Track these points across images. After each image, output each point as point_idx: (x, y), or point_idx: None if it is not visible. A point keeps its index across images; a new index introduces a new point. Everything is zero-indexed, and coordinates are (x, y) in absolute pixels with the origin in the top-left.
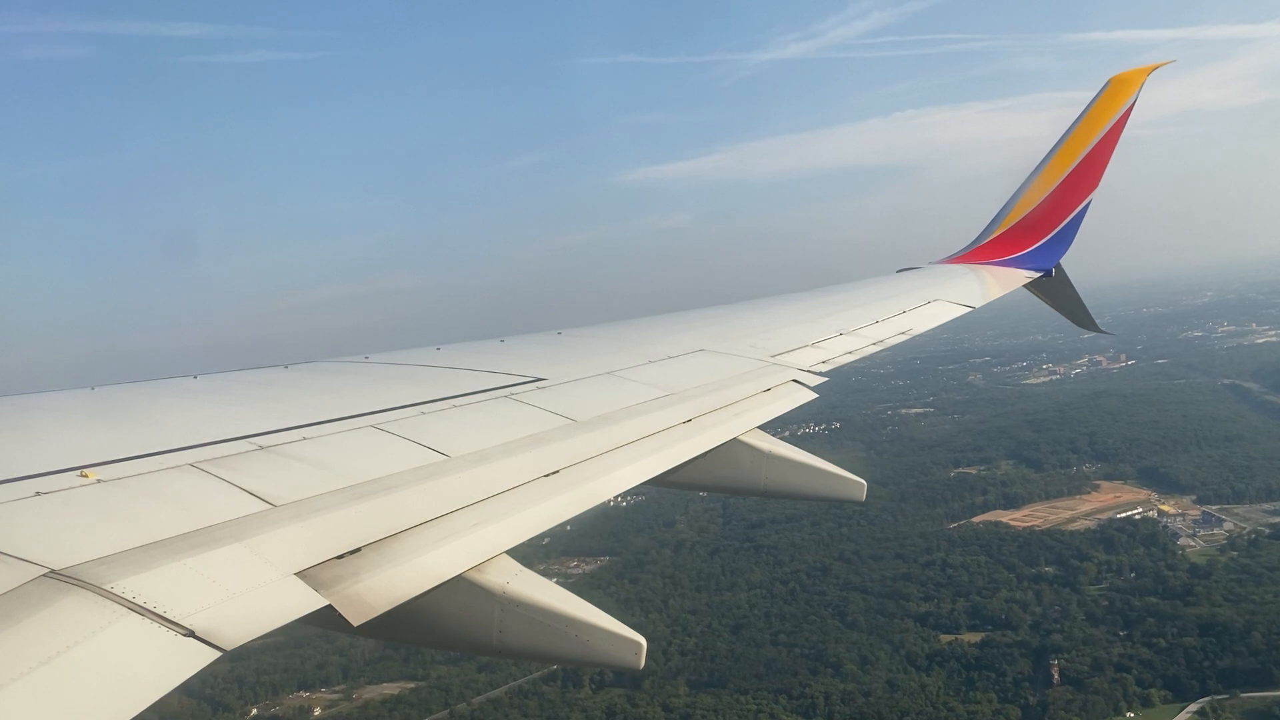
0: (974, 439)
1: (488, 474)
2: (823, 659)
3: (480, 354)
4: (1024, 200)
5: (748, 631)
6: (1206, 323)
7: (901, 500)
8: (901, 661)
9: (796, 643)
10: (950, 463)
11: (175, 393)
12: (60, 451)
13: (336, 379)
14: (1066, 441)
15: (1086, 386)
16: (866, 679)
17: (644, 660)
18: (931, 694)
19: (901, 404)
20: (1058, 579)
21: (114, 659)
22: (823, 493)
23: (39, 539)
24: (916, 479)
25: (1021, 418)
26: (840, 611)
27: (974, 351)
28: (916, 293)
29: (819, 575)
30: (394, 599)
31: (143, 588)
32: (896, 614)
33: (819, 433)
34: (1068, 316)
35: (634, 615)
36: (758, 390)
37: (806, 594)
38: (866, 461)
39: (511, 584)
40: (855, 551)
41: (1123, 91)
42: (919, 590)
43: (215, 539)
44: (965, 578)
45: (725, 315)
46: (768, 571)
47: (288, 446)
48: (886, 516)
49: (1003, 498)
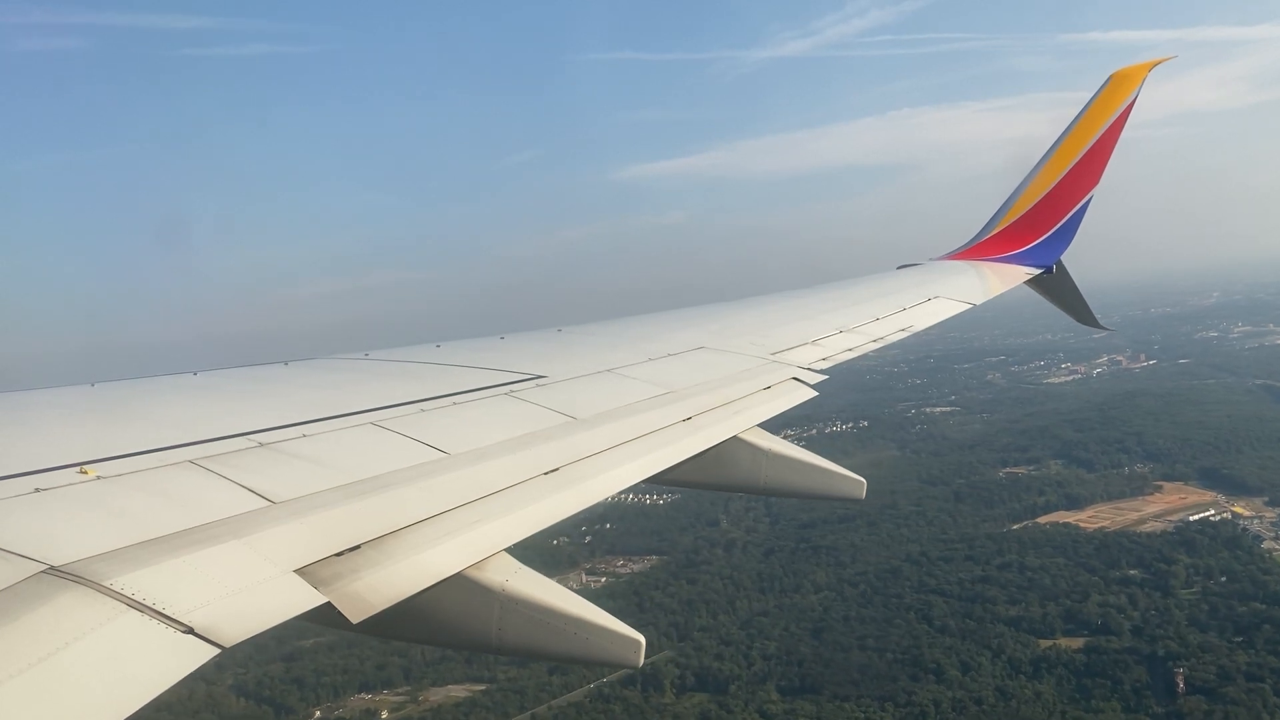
0: (1015, 439)
1: (487, 471)
2: (920, 665)
3: (480, 351)
4: (1025, 196)
5: (830, 635)
6: (1220, 323)
7: (957, 501)
8: (1004, 667)
9: (886, 647)
10: (996, 463)
11: (174, 389)
12: (59, 448)
13: (336, 376)
14: (1114, 441)
15: (1114, 386)
16: (974, 686)
17: (643, 658)
18: (1048, 702)
19: (924, 403)
20: (1146, 582)
21: (113, 655)
22: (823, 491)
23: (38, 535)
24: (966, 479)
25: (1058, 417)
26: (924, 615)
27: (987, 350)
28: (917, 289)
29: (889, 577)
30: (393, 596)
31: (141, 584)
32: (984, 618)
33: (846, 431)
34: (1069, 313)
35: (701, 617)
36: (758, 388)
37: (881, 597)
38: (902, 460)
39: (511, 582)
40: (922, 553)
41: (1124, 87)
42: (1003, 594)
43: (214, 536)
44: (1048, 580)
45: (725, 312)
46: (831, 573)
47: (287, 443)
48: (945, 517)
49: (1064, 498)
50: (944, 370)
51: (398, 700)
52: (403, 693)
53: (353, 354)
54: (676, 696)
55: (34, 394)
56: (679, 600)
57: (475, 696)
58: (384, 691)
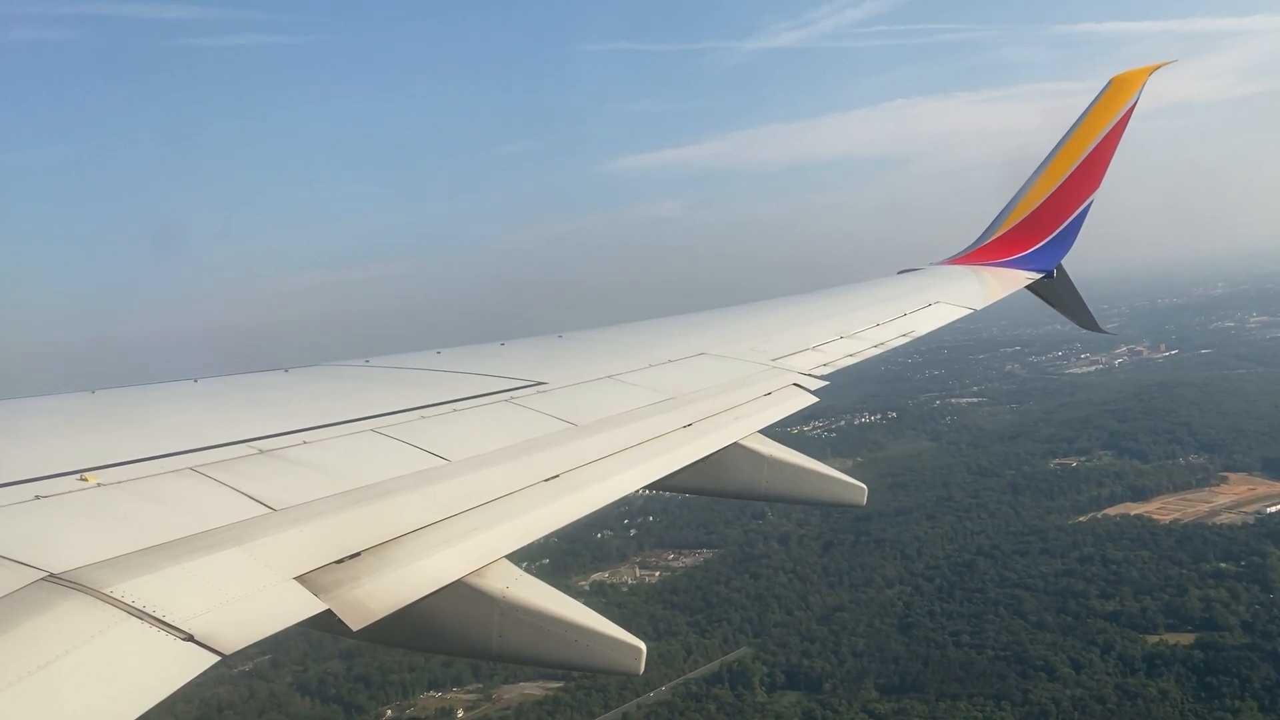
0: (1056, 429)
1: (488, 478)
2: (1025, 662)
3: (480, 357)
4: (1025, 201)
5: (919, 631)
6: (1234, 313)
7: (1014, 493)
8: (1115, 664)
9: (983, 644)
10: (1044, 454)
11: (175, 396)
12: (60, 455)
13: (336, 382)
14: (1163, 431)
15: (1142, 376)
16: (1092, 684)
17: (643, 666)
18: (1175, 701)
19: (947, 394)
20: (1242, 575)
21: (112, 663)
22: (823, 497)
23: (38, 542)
24: (1017, 470)
25: (1095, 408)
26: (1016, 610)
27: (999, 341)
28: (917, 294)
29: (965, 571)
30: (393, 603)
31: (142, 591)
32: (1080, 613)
33: (875, 422)
34: (1069, 317)
35: (774, 613)
36: (758, 394)
37: (962, 591)
38: (941, 452)
39: (511, 589)
40: (994, 546)
41: (1124, 91)
42: (1092, 588)
43: (215, 543)
44: (1135, 574)
45: (725, 318)
46: (901, 567)
47: (288, 450)
48: (1006, 510)
49: (1128, 490)
50: (960, 361)
51: (470, 699)
52: (474, 690)
53: (353, 360)
54: (768, 694)
55: (34, 401)
56: (746, 595)
57: (555, 694)
58: (454, 689)
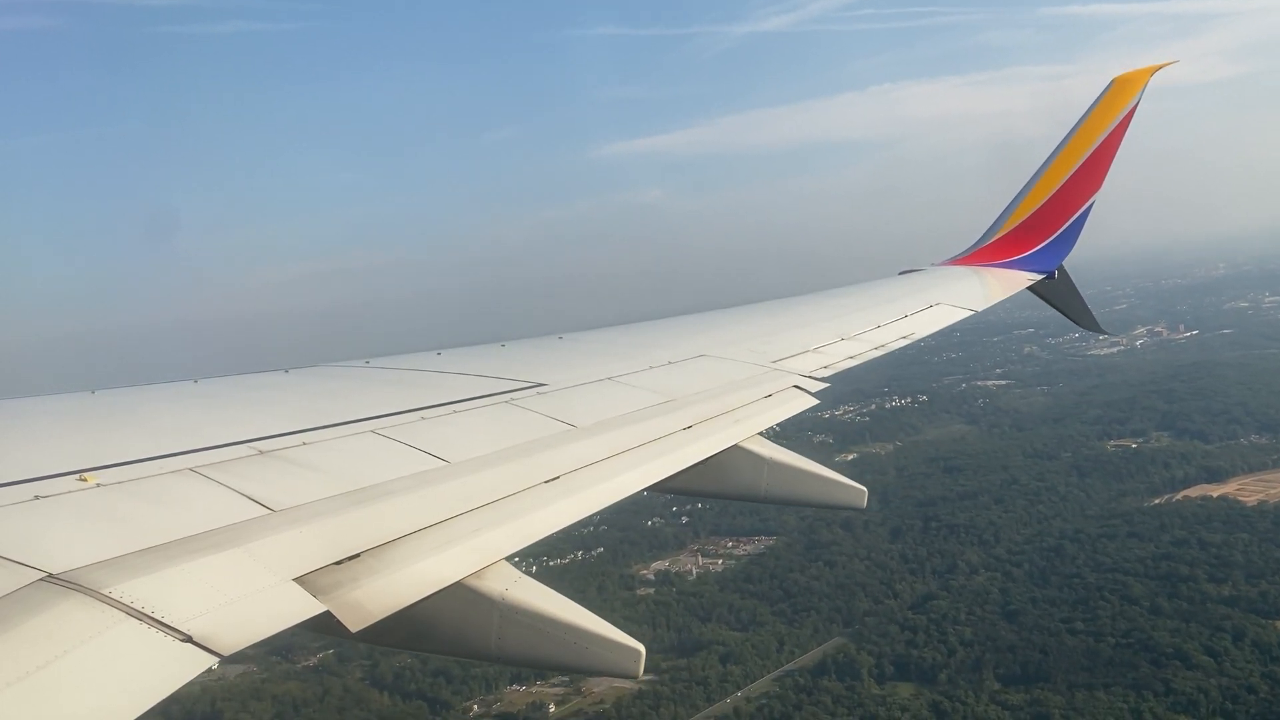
0: (1103, 411)
1: (487, 480)
2: (1153, 650)
3: (480, 358)
4: (1026, 202)
5: (1026, 619)
6: (1246, 293)
7: (1080, 475)
8: (1250, 651)
9: (1099, 631)
10: (1096, 436)
11: (174, 397)
12: (59, 455)
13: (336, 383)
14: (1219, 412)
15: (1169, 357)
16: (1236, 673)
17: (642, 668)
18: None
19: (970, 376)
20: None
21: (111, 663)
22: (824, 499)
23: (37, 543)
24: (1074, 453)
25: (1133, 389)
26: (1125, 596)
27: (1011, 323)
28: (918, 295)
29: (1053, 556)
30: (392, 605)
31: (140, 592)
32: (1193, 597)
33: (907, 406)
34: (1070, 317)
35: (861, 602)
36: (759, 396)
37: (1057, 576)
38: (981, 435)
39: (510, 590)
40: (1078, 531)
41: (1126, 92)
42: (1200, 572)
43: (214, 544)
44: (1239, 557)
45: (726, 319)
46: (982, 553)
47: (287, 451)
48: (1076, 493)
49: (1202, 471)
50: (975, 344)
51: (557, 692)
52: (559, 684)
53: (353, 361)
54: (879, 685)
55: (33, 401)
56: (827, 584)
57: (649, 688)
58: (538, 683)
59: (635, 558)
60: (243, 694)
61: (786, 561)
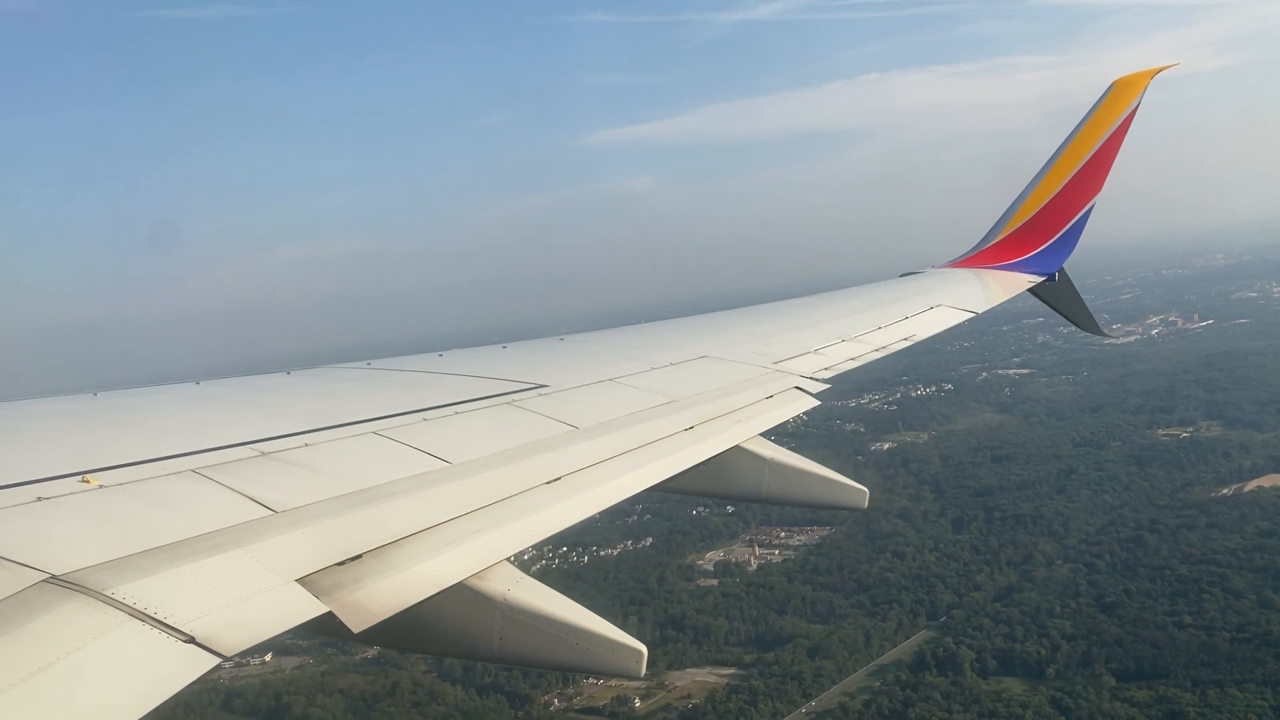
0: (1142, 400)
1: (489, 481)
2: (1272, 644)
3: (481, 360)
4: (1027, 204)
5: (1125, 612)
6: (1253, 283)
7: (1137, 465)
8: None
9: (1210, 624)
10: (1143, 425)
11: (176, 399)
12: (62, 457)
13: (337, 385)
14: (1267, 401)
15: (1192, 345)
16: None
17: (644, 668)
18: None
19: (988, 365)
20: None
21: (114, 665)
22: (825, 500)
23: (39, 544)
24: (1124, 442)
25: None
26: (1227, 588)
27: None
28: (919, 297)
29: (1134, 547)
30: (394, 606)
31: (143, 593)
32: None
33: (933, 394)
34: (1071, 320)
35: (943, 594)
36: (760, 397)
37: (1145, 569)
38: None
39: (512, 591)
40: (1153, 521)
41: (1126, 94)
42: None
43: (216, 545)
44: None
45: (727, 321)
46: (1055, 543)
47: (289, 452)
48: (1140, 483)
49: (1269, 460)
50: (986, 333)
51: (639, 686)
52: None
53: (354, 363)
54: (982, 680)
55: (36, 403)
56: (901, 575)
57: (734, 682)
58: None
59: (688, 548)
60: (307, 687)
61: (851, 553)
